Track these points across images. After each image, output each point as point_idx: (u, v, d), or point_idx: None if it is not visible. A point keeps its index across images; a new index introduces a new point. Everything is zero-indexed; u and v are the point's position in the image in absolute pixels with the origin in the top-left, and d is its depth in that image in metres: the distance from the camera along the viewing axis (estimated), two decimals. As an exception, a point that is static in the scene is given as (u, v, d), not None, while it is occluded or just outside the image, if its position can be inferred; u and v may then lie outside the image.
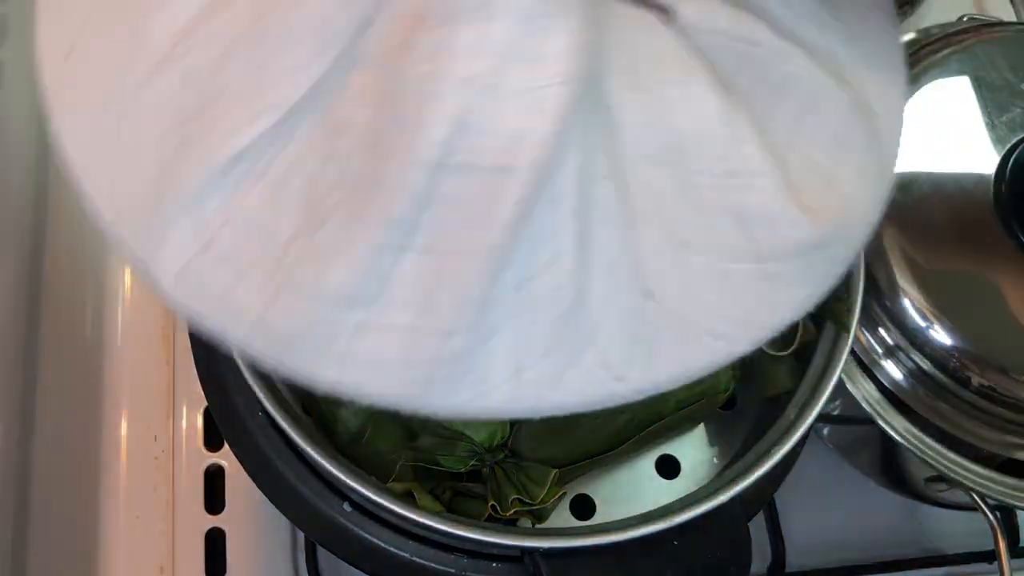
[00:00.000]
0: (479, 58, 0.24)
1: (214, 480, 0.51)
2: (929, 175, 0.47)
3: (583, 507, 0.43)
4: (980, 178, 0.47)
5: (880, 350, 0.46)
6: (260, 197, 0.25)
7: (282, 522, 0.49)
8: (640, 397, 0.27)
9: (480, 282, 0.25)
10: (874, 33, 0.31)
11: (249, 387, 0.36)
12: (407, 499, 0.37)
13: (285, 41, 0.25)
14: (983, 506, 0.46)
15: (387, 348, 0.25)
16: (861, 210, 0.29)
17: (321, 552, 0.49)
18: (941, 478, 0.46)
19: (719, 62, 0.27)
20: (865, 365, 0.47)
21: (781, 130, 0.28)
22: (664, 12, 0.27)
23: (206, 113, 0.25)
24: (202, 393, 0.41)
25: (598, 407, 0.27)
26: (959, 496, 0.48)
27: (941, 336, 0.44)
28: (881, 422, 0.46)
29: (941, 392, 0.45)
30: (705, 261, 0.27)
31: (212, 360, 0.41)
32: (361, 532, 0.38)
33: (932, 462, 0.46)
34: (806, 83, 0.28)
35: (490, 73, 0.24)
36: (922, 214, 0.46)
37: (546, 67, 0.24)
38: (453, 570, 0.38)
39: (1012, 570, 0.45)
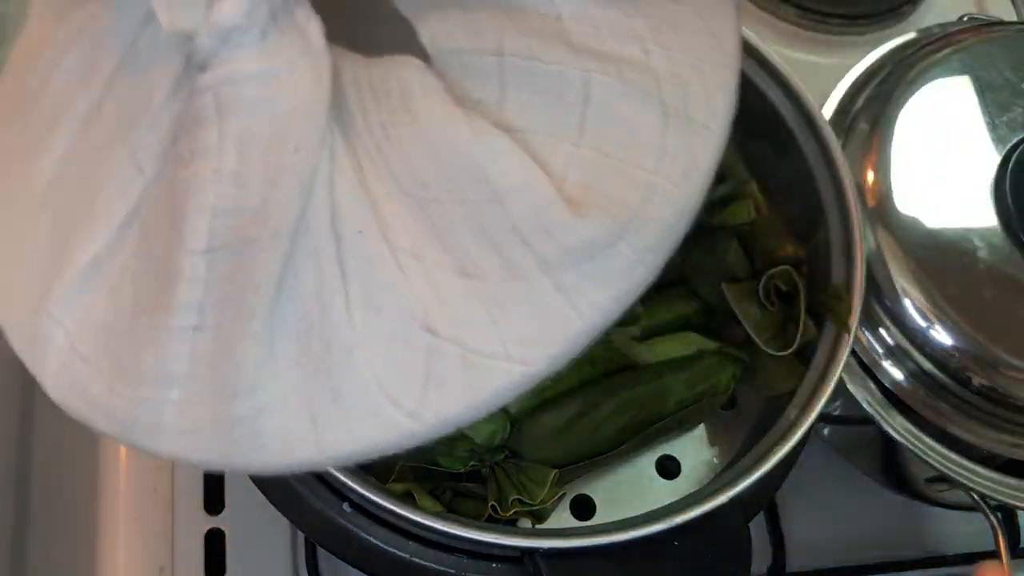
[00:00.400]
0: (223, 152, 0.27)
1: (214, 480, 0.51)
2: (930, 175, 0.47)
3: (583, 507, 0.43)
4: (981, 178, 0.47)
5: (880, 350, 0.46)
6: (104, 301, 0.29)
7: (282, 522, 0.49)
8: (442, 433, 0.27)
9: (250, 344, 0.27)
10: (698, 5, 0.30)
11: (249, 387, 0.35)
12: (407, 499, 0.37)
13: (111, 171, 0.29)
14: (984, 507, 0.46)
15: (200, 419, 0.28)
16: (667, 199, 0.28)
17: (321, 552, 0.48)
18: (942, 478, 0.46)
19: (470, 80, 0.28)
20: (865, 365, 0.47)
21: (558, 133, 0.28)
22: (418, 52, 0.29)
23: (64, 240, 0.29)
24: (202, 393, 0.41)
25: (403, 447, 0.28)
26: (960, 497, 0.48)
27: (942, 336, 0.44)
28: (882, 422, 0.46)
29: (942, 392, 0.45)
30: (490, 286, 0.27)
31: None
32: (361, 532, 0.38)
33: (933, 462, 0.46)
34: (571, 76, 0.28)
35: (233, 162, 0.27)
36: (923, 214, 0.46)
37: (278, 145, 0.27)
38: (453, 571, 0.38)
39: (1013, 571, 0.45)
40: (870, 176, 0.47)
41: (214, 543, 0.50)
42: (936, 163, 0.47)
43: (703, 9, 0.30)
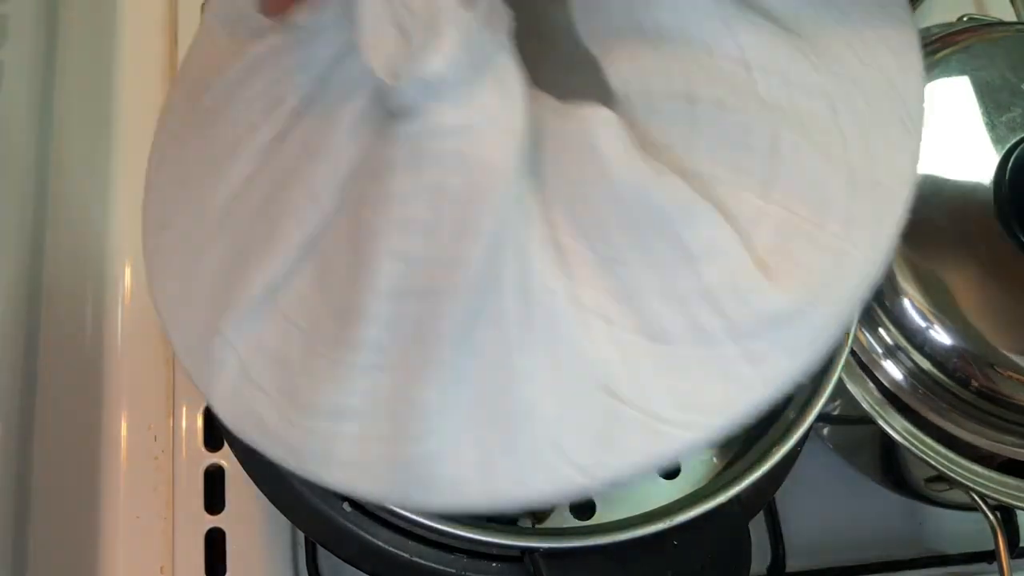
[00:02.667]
0: (416, 201, 0.27)
1: (214, 480, 0.51)
2: (929, 175, 0.47)
3: (583, 507, 0.43)
4: (980, 178, 0.47)
5: (880, 350, 0.46)
6: (278, 329, 0.30)
7: (282, 522, 0.49)
8: (608, 489, 0.28)
9: (432, 392, 0.27)
10: (881, 63, 0.29)
11: (249, 387, 0.36)
12: (407, 499, 0.37)
13: (289, 204, 0.29)
14: (983, 506, 0.46)
15: (371, 454, 0.28)
16: (854, 262, 0.27)
17: (321, 552, 0.49)
18: (941, 478, 0.46)
19: (657, 124, 0.28)
20: (865, 365, 0.47)
21: (745, 185, 0.27)
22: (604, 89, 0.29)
23: (240, 265, 0.30)
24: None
25: (569, 499, 0.29)
26: (959, 496, 0.48)
27: (941, 336, 0.44)
28: (881, 422, 0.46)
29: (941, 392, 0.45)
30: (676, 350, 0.27)
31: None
32: (361, 532, 0.38)
33: (932, 462, 0.46)
34: (760, 128, 0.27)
35: (425, 212, 0.27)
36: (922, 214, 0.46)
37: (472, 200, 0.27)
38: (453, 570, 0.38)
39: (1012, 570, 0.45)
40: (869, 176, 0.47)
41: (214, 543, 0.50)
42: (935, 163, 0.47)
43: (891, 71, 0.29)
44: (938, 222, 0.46)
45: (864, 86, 0.28)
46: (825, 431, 0.53)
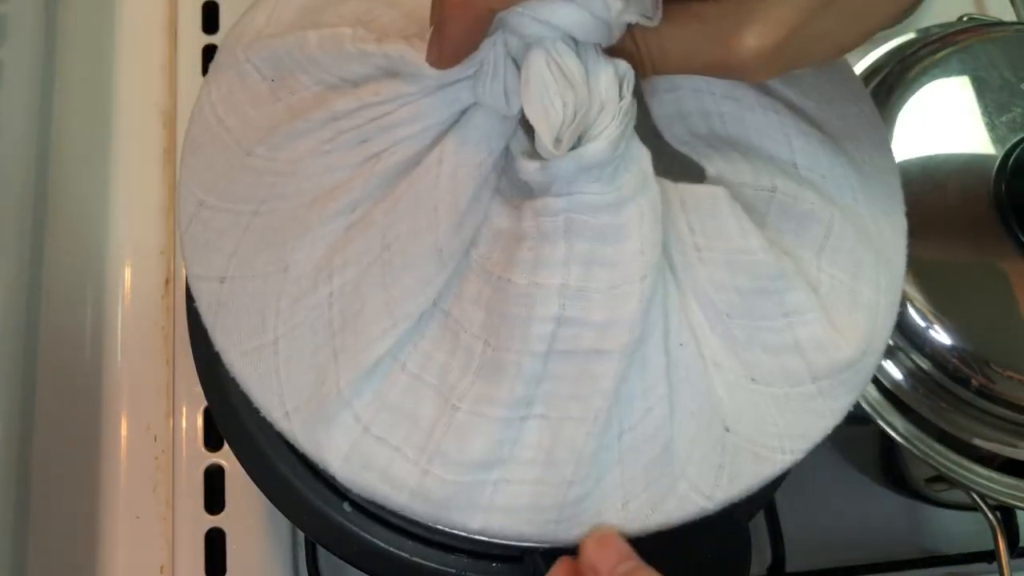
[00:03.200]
0: (569, 268, 0.30)
1: (214, 480, 0.51)
2: (929, 175, 0.47)
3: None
4: (980, 178, 0.47)
5: (880, 350, 0.46)
6: (401, 385, 0.31)
7: (282, 522, 0.49)
8: (721, 508, 0.32)
9: (589, 440, 0.30)
10: (874, 161, 0.35)
11: (249, 387, 0.35)
12: (407, 499, 0.37)
13: (411, 263, 0.31)
14: (983, 506, 0.46)
15: (520, 498, 0.31)
16: (884, 318, 0.34)
17: (321, 552, 0.49)
18: (941, 478, 0.46)
19: (752, 210, 0.32)
20: (865, 365, 0.46)
21: (810, 257, 0.33)
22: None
23: (351, 325, 0.31)
24: (202, 393, 0.41)
25: (689, 521, 0.32)
26: (959, 496, 0.49)
27: (941, 336, 0.44)
28: (881, 422, 0.46)
29: (941, 392, 0.45)
30: (771, 391, 0.32)
31: (212, 360, 0.41)
32: (361, 532, 0.38)
33: (932, 462, 0.46)
34: (820, 215, 0.33)
35: (579, 279, 0.30)
36: (922, 215, 0.46)
37: (623, 269, 0.30)
38: (453, 570, 0.38)
39: (1012, 570, 0.45)
40: (869, 176, 0.47)
41: (214, 543, 0.50)
42: (935, 163, 0.47)
43: (882, 168, 0.36)
44: (939, 222, 0.46)
45: (870, 178, 0.34)
46: (825, 431, 0.53)
